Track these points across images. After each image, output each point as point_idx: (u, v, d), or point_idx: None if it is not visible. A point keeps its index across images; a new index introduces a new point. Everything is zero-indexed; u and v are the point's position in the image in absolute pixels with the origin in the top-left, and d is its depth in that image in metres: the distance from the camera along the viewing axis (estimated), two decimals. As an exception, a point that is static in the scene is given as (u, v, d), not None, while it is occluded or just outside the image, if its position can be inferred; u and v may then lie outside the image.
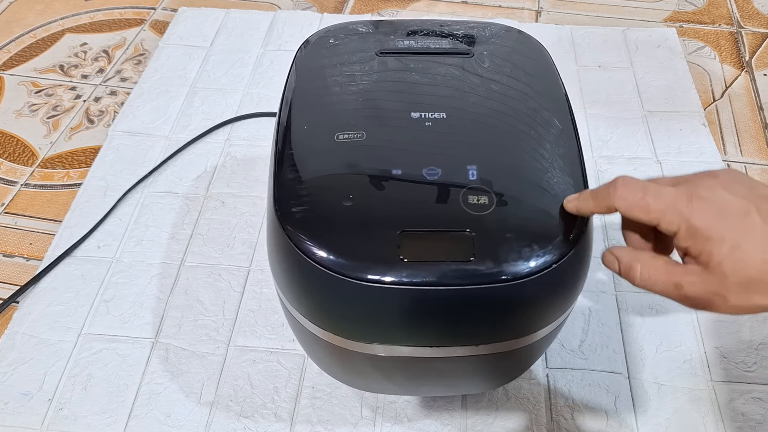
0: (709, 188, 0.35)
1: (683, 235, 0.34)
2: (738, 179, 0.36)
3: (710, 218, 0.34)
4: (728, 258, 0.33)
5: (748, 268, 0.33)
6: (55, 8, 0.96)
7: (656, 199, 0.35)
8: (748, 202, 0.34)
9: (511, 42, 0.53)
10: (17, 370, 0.56)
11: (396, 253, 0.37)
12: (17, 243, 0.67)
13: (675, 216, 0.34)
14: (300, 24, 0.91)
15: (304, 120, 0.45)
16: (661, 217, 0.35)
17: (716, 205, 0.34)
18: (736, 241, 0.33)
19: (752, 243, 0.33)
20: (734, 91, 0.83)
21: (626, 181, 0.37)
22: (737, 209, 0.34)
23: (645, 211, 0.35)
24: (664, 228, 0.35)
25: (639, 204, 0.36)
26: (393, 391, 0.52)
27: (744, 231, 0.33)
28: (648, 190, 0.36)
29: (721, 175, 0.36)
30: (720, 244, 0.33)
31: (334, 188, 0.40)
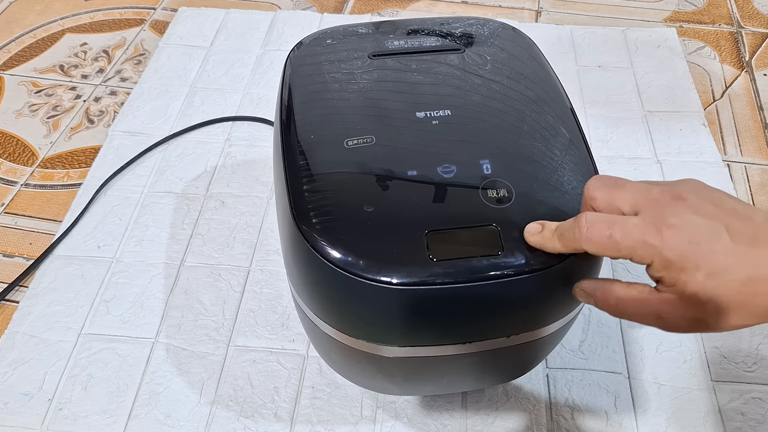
0: (678, 214, 0.34)
1: (657, 267, 0.34)
2: (704, 196, 0.35)
3: (682, 248, 0.33)
4: (703, 286, 0.32)
5: (724, 294, 0.32)
6: (55, 8, 0.96)
7: (624, 236, 0.34)
8: (717, 222, 0.33)
9: (496, 34, 0.53)
10: (17, 370, 0.56)
11: (426, 254, 0.37)
12: (17, 243, 0.67)
13: (646, 250, 0.33)
14: (300, 24, 0.91)
15: (309, 128, 0.45)
16: (633, 253, 0.34)
17: (687, 233, 0.33)
18: (710, 268, 0.32)
19: (725, 268, 0.32)
20: (734, 91, 0.83)
21: (590, 220, 0.35)
22: (708, 234, 0.33)
23: (615, 250, 0.34)
24: (636, 261, 0.34)
25: (607, 243, 0.34)
26: (414, 391, 0.53)
27: (717, 257, 0.32)
28: (614, 227, 0.34)
29: (687, 195, 0.34)
30: (694, 274, 0.32)
31: (356, 196, 0.40)
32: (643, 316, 0.35)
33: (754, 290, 0.32)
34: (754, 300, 0.32)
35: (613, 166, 0.72)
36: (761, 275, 0.32)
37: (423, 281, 0.37)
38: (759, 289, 0.32)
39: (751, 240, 0.33)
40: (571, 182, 0.42)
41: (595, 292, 0.37)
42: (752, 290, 0.32)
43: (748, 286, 0.32)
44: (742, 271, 0.32)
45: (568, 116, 0.46)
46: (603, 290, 0.37)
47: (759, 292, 0.32)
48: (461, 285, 0.37)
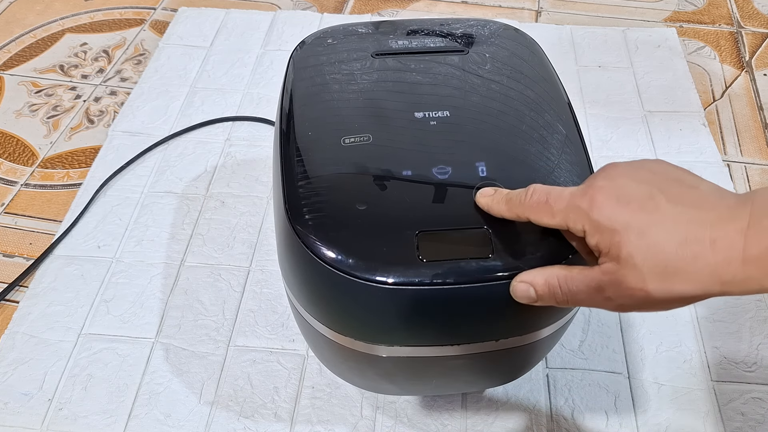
0: (607, 177, 0.33)
1: (589, 232, 0.32)
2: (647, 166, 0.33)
3: (609, 207, 0.32)
4: (637, 246, 0.30)
5: (660, 253, 0.30)
6: (55, 8, 0.96)
7: (557, 200, 0.34)
8: (650, 185, 0.32)
9: (500, 35, 0.53)
10: (17, 370, 0.56)
11: (416, 254, 0.37)
12: (17, 243, 0.67)
13: (576, 214, 0.32)
14: (300, 24, 0.91)
15: (308, 125, 0.45)
16: (566, 218, 0.33)
17: (614, 193, 0.32)
18: (643, 226, 0.31)
19: (661, 227, 0.30)
20: (734, 91, 0.83)
21: (535, 187, 0.35)
22: (638, 193, 0.31)
23: (550, 215, 0.34)
24: (572, 229, 0.33)
25: (543, 208, 0.34)
26: (407, 392, 0.53)
27: (649, 215, 0.31)
28: (551, 193, 0.34)
29: (626, 164, 0.34)
30: (626, 233, 0.31)
31: (349, 195, 0.40)
32: (586, 291, 0.33)
33: (693, 252, 0.30)
34: (694, 263, 0.30)
35: (613, 166, 0.72)
36: (700, 236, 0.30)
37: (411, 281, 0.37)
38: (697, 251, 0.30)
39: (691, 203, 0.31)
40: (568, 184, 0.41)
41: (535, 280, 0.35)
42: (691, 252, 0.30)
43: (686, 248, 0.30)
44: (678, 230, 0.30)
45: (568, 119, 0.46)
46: (543, 275, 0.35)
47: (698, 255, 0.30)
48: (449, 286, 0.37)
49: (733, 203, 0.31)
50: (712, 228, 0.30)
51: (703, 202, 0.31)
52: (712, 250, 0.30)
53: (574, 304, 0.35)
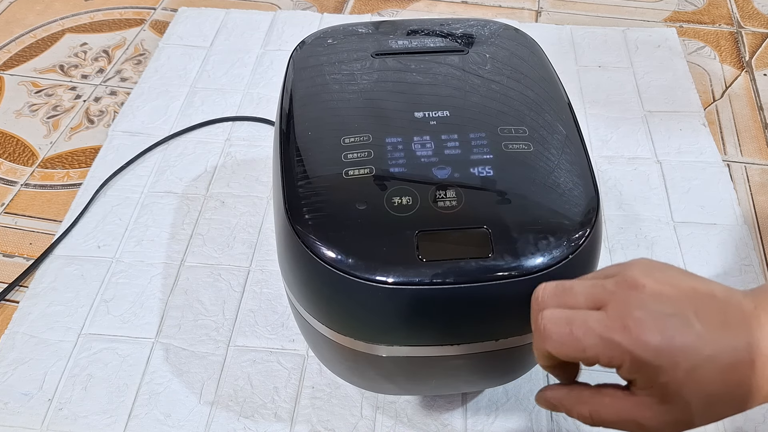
0: (641, 305, 0.30)
1: (629, 368, 0.30)
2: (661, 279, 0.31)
3: (655, 345, 0.29)
4: (686, 384, 0.29)
5: (708, 387, 0.29)
6: (55, 8, 0.96)
7: (586, 332, 0.30)
8: (683, 308, 0.30)
9: (500, 36, 0.53)
10: (17, 370, 0.56)
11: (415, 254, 0.37)
12: (17, 243, 0.67)
13: (614, 350, 0.30)
14: (300, 24, 0.91)
15: (308, 125, 0.45)
16: (599, 353, 0.30)
17: (656, 327, 0.29)
18: (691, 363, 0.29)
19: (705, 360, 0.29)
20: (734, 91, 0.83)
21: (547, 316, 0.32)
22: (678, 324, 0.29)
23: (579, 350, 0.31)
24: (604, 364, 0.31)
25: (568, 341, 0.31)
26: (407, 392, 0.53)
27: (694, 349, 0.29)
28: (574, 322, 0.31)
29: (644, 281, 0.31)
30: (674, 372, 0.29)
31: (348, 194, 0.40)
32: (622, 424, 0.32)
33: (737, 378, 0.29)
34: (737, 389, 0.29)
35: (613, 166, 0.72)
36: (741, 360, 0.29)
37: (411, 281, 0.37)
38: (741, 375, 0.29)
39: (721, 323, 0.30)
40: (567, 184, 0.41)
41: (562, 402, 0.33)
42: (735, 378, 0.29)
43: (730, 375, 0.29)
44: (721, 359, 0.29)
45: (568, 119, 0.46)
46: (570, 400, 0.33)
47: (742, 379, 0.29)
48: (448, 286, 0.37)
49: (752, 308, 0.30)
50: (749, 348, 0.29)
51: (728, 316, 0.30)
52: (753, 372, 0.29)
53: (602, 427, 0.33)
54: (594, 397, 0.33)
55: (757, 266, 0.63)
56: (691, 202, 0.69)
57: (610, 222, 0.67)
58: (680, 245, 0.65)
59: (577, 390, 0.34)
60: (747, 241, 0.65)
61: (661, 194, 0.69)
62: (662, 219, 0.67)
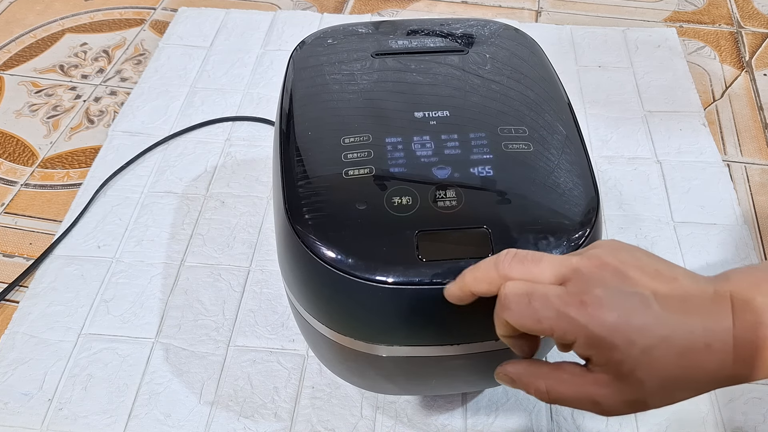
0: (602, 283, 0.30)
1: (583, 344, 0.30)
2: (626, 260, 0.31)
3: (610, 321, 0.29)
4: (641, 363, 0.29)
5: (664, 369, 0.29)
6: (55, 8, 0.96)
7: (544, 305, 0.30)
8: (644, 289, 0.30)
9: (500, 36, 0.53)
10: (17, 370, 0.56)
11: (415, 254, 0.37)
12: (17, 243, 0.67)
13: (570, 325, 0.30)
14: (300, 24, 0.91)
15: (308, 125, 0.45)
16: (554, 326, 0.30)
17: (614, 305, 0.29)
18: (647, 342, 0.29)
19: (660, 341, 0.29)
20: (734, 91, 0.83)
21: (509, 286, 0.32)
22: (637, 304, 0.29)
23: (535, 320, 0.31)
24: (558, 338, 0.30)
25: (525, 312, 0.31)
26: (407, 392, 0.53)
27: (650, 329, 0.29)
28: (534, 294, 0.31)
29: (609, 260, 0.31)
30: (629, 350, 0.29)
31: (348, 194, 0.40)
32: (578, 401, 0.32)
33: (693, 361, 0.29)
34: (693, 372, 0.29)
35: (613, 166, 0.72)
36: (697, 344, 0.29)
37: (410, 281, 0.37)
38: (697, 359, 0.29)
39: (680, 306, 0.30)
40: (567, 184, 0.41)
41: (521, 378, 0.34)
42: (691, 361, 0.29)
43: (686, 358, 0.29)
44: (678, 341, 0.29)
45: (568, 119, 0.46)
46: (529, 375, 0.33)
47: (698, 363, 0.29)
48: None
49: (712, 295, 0.30)
50: (705, 332, 0.29)
51: (689, 300, 0.30)
52: (709, 357, 0.29)
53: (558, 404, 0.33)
54: (552, 373, 0.32)
55: (757, 266, 0.63)
56: (691, 202, 0.69)
57: (610, 222, 0.67)
58: (680, 245, 0.65)
59: (536, 365, 0.33)
60: (747, 241, 0.65)
61: (661, 194, 0.69)
62: (662, 219, 0.67)
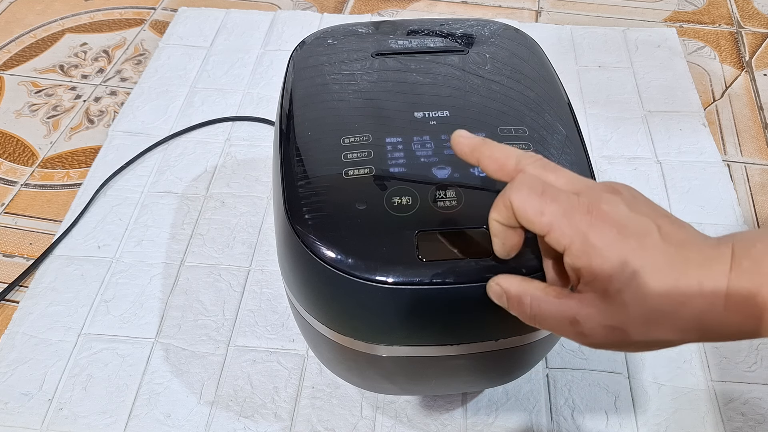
0: (611, 202, 0.30)
1: (576, 251, 0.29)
2: (639, 197, 0.31)
3: (610, 236, 0.29)
4: (629, 286, 0.28)
5: (649, 297, 0.28)
6: (55, 8, 0.96)
7: (554, 199, 0.30)
8: (649, 219, 0.30)
9: (500, 36, 0.53)
10: (17, 370, 0.56)
11: (415, 254, 0.37)
12: (17, 243, 0.67)
13: (569, 227, 0.29)
14: (300, 24, 0.91)
15: (308, 125, 0.45)
16: (555, 224, 0.30)
17: (617, 221, 0.29)
18: (638, 265, 0.28)
19: (654, 267, 0.28)
20: (734, 91, 0.83)
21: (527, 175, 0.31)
22: (639, 228, 0.29)
23: (539, 212, 0.30)
24: (553, 238, 0.30)
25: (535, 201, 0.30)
26: (407, 392, 0.53)
27: (646, 253, 0.29)
28: (549, 188, 0.30)
29: (622, 190, 0.31)
30: (621, 269, 0.28)
31: (348, 195, 0.40)
32: (558, 319, 0.31)
33: (681, 297, 0.28)
34: (680, 309, 0.29)
35: (613, 166, 0.72)
36: (689, 281, 0.29)
37: (410, 281, 0.37)
38: (686, 296, 0.28)
39: (680, 242, 0.29)
40: None
41: (510, 290, 0.33)
42: (679, 297, 0.28)
43: (676, 291, 0.28)
44: (670, 273, 0.29)
45: (568, 119, 0.46)
46: (519, 287, 0.33)
47: (686, 300, 0.28)
48: (448, 286, 0.37)
49: (715, 243, 0.30)
50: (700, 269, 0.29)
51: (691, 240, 0.30)
52: (699, 296, 0.28)
53: (541, 327, 0.32)
54: (540, 289, 0.32)
55: (757, 266, 0.63)
56: (691, 202, 0.69)
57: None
58: (680, 245, 0.65)
59: (528, 280, 0.33)
60: (747, 241, 0.65)
61: (661, 194, 0.69)
62: (662, 219, 0.67)
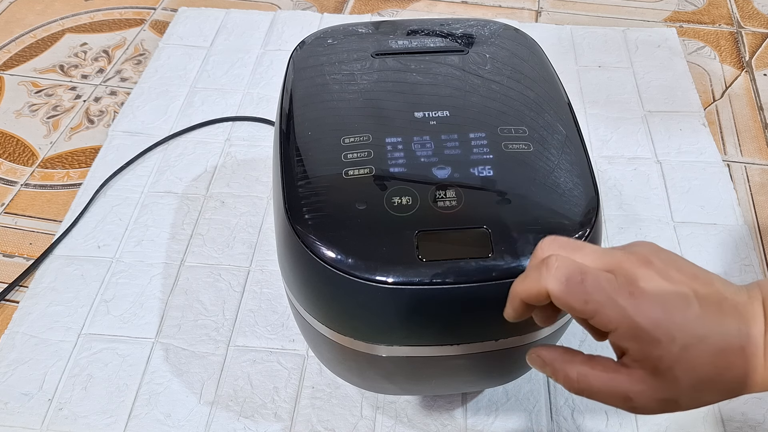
0: (649, 279, 0.30)
1: (624, 334, 0.30)
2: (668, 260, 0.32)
3: (656, 316, 0.29)
4: (679, 361, 0.29)
5: (699, 368, 0.29)
6: (55, 8, 0.96)
7: (596, 286, 0.30)
8: (685, 288, 0.30)
9: (500, 36, 0.53)
10: (17, 370, 0.56)
11: (415, 253, 0.37)
12: (17, 243, 0.67)
13: (615, 311, 0.30)
14: (300, 24, 0.91)
15: (308, 125, 0.45)
16: (599, 310, 0.30)
17: (660, 300, 0.30)
18: (686, 340, 0.29)
19: (700, 339, 0.29)
20: (734, 91, 0.83)
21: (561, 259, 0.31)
22: (679, 301, 0.30)
23: (582, 301, 0.30)
24: (597, 322, 0.30)
25: (576, 289, 0.30)
26: (407, 392, 0.53)
27: (690, 326, 0.29)
28: (587, 274, 0.30)
29: (653, 259, 0.31)
30: (670, 347, 0.29)
31: (348, 195, 0.40)
32: (609, 395, 0.31)
33: (727, 362, 0.29)
34: (726, 373, 0.30)
35: (613, 166, 0.72)
36: (732, 345, 0.29)
37: (410, 281, 0.37)
38: (731, 360, 0.29)
39: (717, 308, 0.30)
40: (567, 184, 0.41)
41: (554, 363, 0.33)
42: (725, 362, 0.29)
43: (721, 358, 0.29)
44: (714, 341, 0.29)
45: (568, 119, 0.46)
46: (562, 361, 0.33)
47: (731, 365, 0.29)
48: (448, 286, 0.37)
49: (746, 299, 0.31)
50: (739, 335, 0.30)
51: (724, 303, 0.30)
52: (742, 359, 0.29)
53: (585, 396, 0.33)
54: (586, 362, 0.32)
55: (757, 266, 0.63)
56: (691, 202, 0.69)
57: (610, 222, 0.67)
58: (680, 245, 0.65)
59: (571, 353, 0.33)
60: (747, 241, 0.65)
61: (661, 194, 0.69)
62: (662, 219, 0.67)
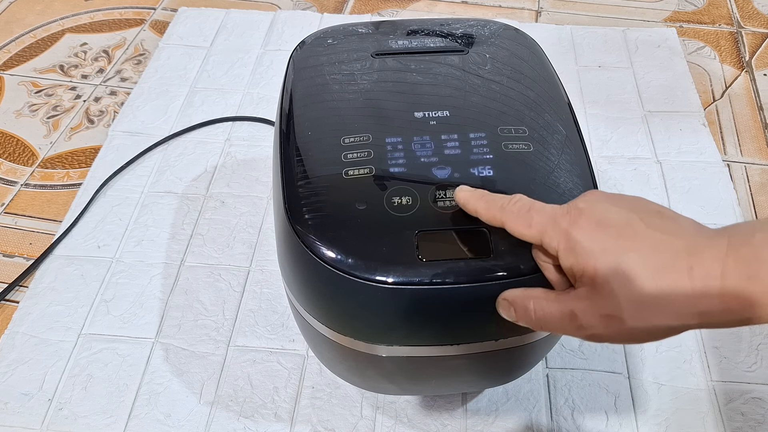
0: (590, 201, 0.33)
1: (564, 251, 0.32)
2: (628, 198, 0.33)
3: (589, 229, 0.31)
4: (614, 272, 0.30)
5: (637, 281, 0.29)
6: (55, 8, 0.96)
7: (539, 213, 0.33)
8: (630, 212, 0.31)
9: (500, 36, 0.53)
10: (17, 370, 0.56)
11: (415, 254, 0.37)
12: (17, 243, 0.67)
13: (555, 230, 0.32)
14: (300, 24, 0.91)
15: (308, 125, 0.45)
16: (543, 232, 0.33)
17: (596, 216, 0.32)
18: (620, 251, 0.30)
19: (638, 253, 0.29)
20: (734, 91, 0.83)
21: (520, 196, 0.35)
22: (618, 218, 0.31)
23: (527, 225, 0.34)
24: (546, 245, 0.33)
25: (523, 217, 0.34)
26: (407, 392, 0.53)
27: (627, 240, 0.30)
28: (534, 205, 0.34)
29: (608, 193, 0.34)
30: (602, 257, 0.30)
31: (348, 195, 0.40)
32: (559, 317, 0.33)
33: (671, 282, 0.29)
34: (672, 293, 0.29)
35: (613, 166, 0.72)
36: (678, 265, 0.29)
37: (410, 281, 0.37)
38: (676, 281, 0.29)
39: (668, 231, 0.30)
40: (567, 184, 0.41)
41: (515, 300, 0.35)
42: (668, 282, 0.29)
43: (663, 277, 0.29)
44: (654, 258, 0.29)
45: (568, 119, 0.46)
46: (523, 297, 0.35)
47: (676, 286, 0.29)
48: (448, 286, 0.37)
49: (711, 234, 0.30)
50: (689, 256, 0.29)
51: (682, 231, 0.30)
52: (690, 279, 0.29)
53: (548, 330, 0.34)
54: (542, 293, 0.34)
55: (757, 266, 0.63)
56: (691, 202, 0.69)
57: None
58: (680, 245, 0.65)
59: (530, 289, 0.35)
60: (747, 241, 0.65)
61: (661, 194, 0.69)
62: (662, 219, 0.67)
